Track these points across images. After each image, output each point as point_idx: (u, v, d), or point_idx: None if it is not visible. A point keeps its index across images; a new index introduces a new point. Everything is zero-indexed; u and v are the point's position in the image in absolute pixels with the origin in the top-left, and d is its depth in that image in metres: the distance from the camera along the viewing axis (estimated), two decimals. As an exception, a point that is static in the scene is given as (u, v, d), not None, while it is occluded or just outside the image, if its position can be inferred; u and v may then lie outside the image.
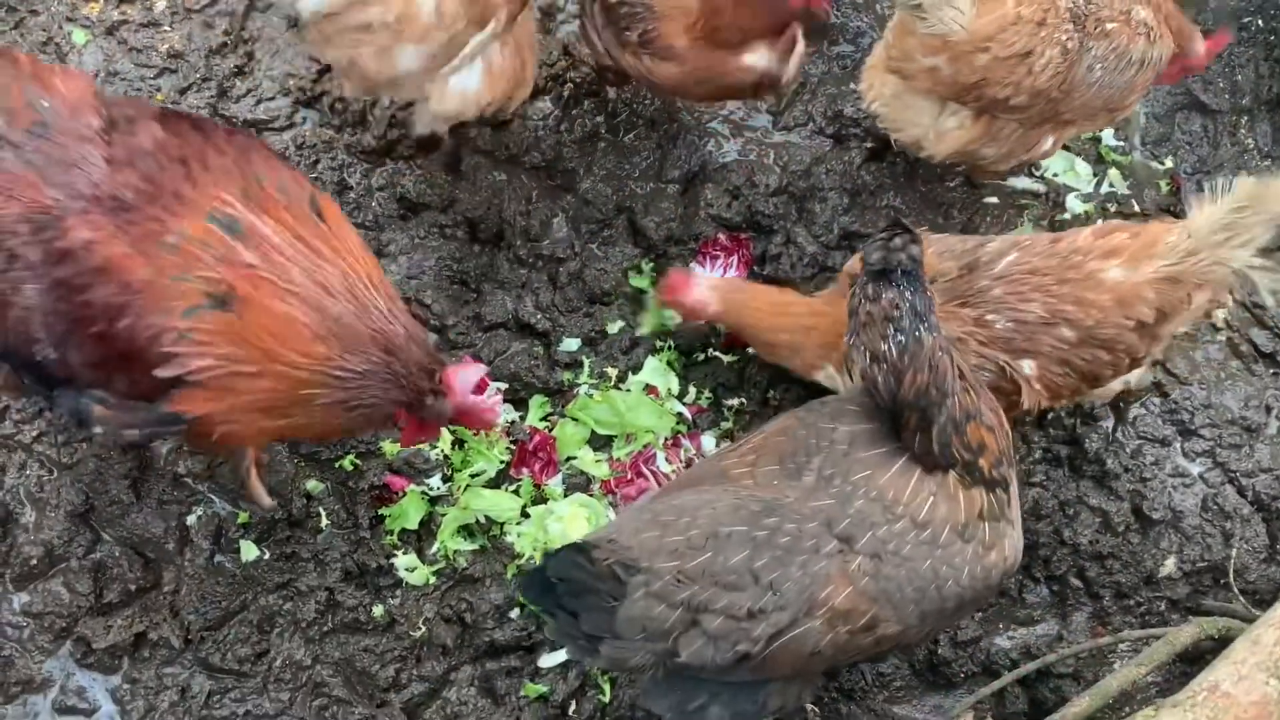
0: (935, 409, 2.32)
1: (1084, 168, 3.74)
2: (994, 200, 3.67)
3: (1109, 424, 3.40)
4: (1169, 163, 3.77)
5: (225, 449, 2.59)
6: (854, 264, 2.88)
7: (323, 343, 2.37)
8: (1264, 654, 2.52)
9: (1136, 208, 3.69)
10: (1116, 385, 3.02)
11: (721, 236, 3.50)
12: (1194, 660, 3.09)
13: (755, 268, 3.52)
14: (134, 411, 2.42)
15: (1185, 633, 2.84)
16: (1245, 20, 3.97)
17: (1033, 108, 3.05)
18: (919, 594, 2.33)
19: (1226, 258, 2.70)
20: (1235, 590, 3.10)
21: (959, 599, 2.37)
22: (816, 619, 2.28)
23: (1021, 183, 3.70)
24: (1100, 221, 3.64)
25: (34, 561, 3.04)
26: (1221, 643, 2.93)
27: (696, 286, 3.08)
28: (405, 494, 3.15)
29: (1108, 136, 3.79)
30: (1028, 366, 2.75)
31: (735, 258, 3.46)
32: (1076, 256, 2.76)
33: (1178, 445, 3.38)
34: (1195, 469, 3.36)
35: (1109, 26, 2.99)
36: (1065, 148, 3.74)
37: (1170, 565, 3.21)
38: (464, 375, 2.52)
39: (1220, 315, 3.55)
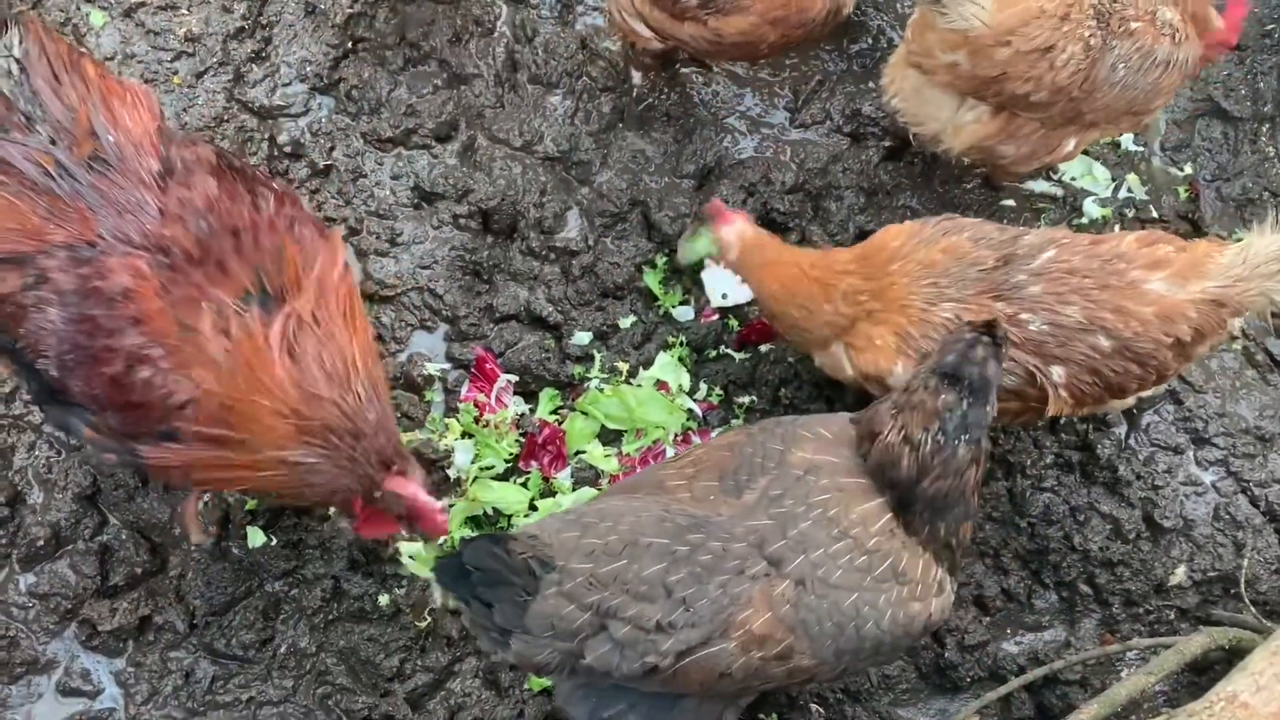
0: (944, 512, 2.32)
1: (1102, 172, 3.72)
2: (1011, 203, 3.65)
3: (1122, 430, 3.37)
4: (1188, 169, 3.74)
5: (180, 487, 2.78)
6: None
7: (286, 427, 2.39)
8: (1283, 665, 2.50)
9: (1154, 213, 3.67)
10: (1131, 400, 2.99)
11: None
12: (1202, 670, 3.08)
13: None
14: (116, 442, 2.46)
15: (1195, 642, 2.81)
16: (1269, 28, 3.93)
17: (1054, 106, 3.03)
18: (837, 629, 2.29)
19: (1275, 290, 2.64)
20: (1246, 600, 3.08)
21: (876, 642, 2.33)
22: (731, 640, 2.26)
23: (1039, 186, 3.68)
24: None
25: (41, 543, 3.03)
26: (1231, 653, 2.92)
27: (728, 225, 2.94)
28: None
29: (1127, 141, 3.76)
30: (1057, 374, 2.69)
31: None
32: (1120, 263, 2.70)
33: (1191, 454, 3.36)
34: (1208, 478, 3.33)
35: (1134, 26, 2.96)
36: (1084, 152, 3.72)
37: (1181, 574, 3.19)
38: (411, 480, 2.52)
39: (1236, 324, 3.51)
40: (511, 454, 3.20)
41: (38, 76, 2.40)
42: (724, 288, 3.42)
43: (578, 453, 3.22)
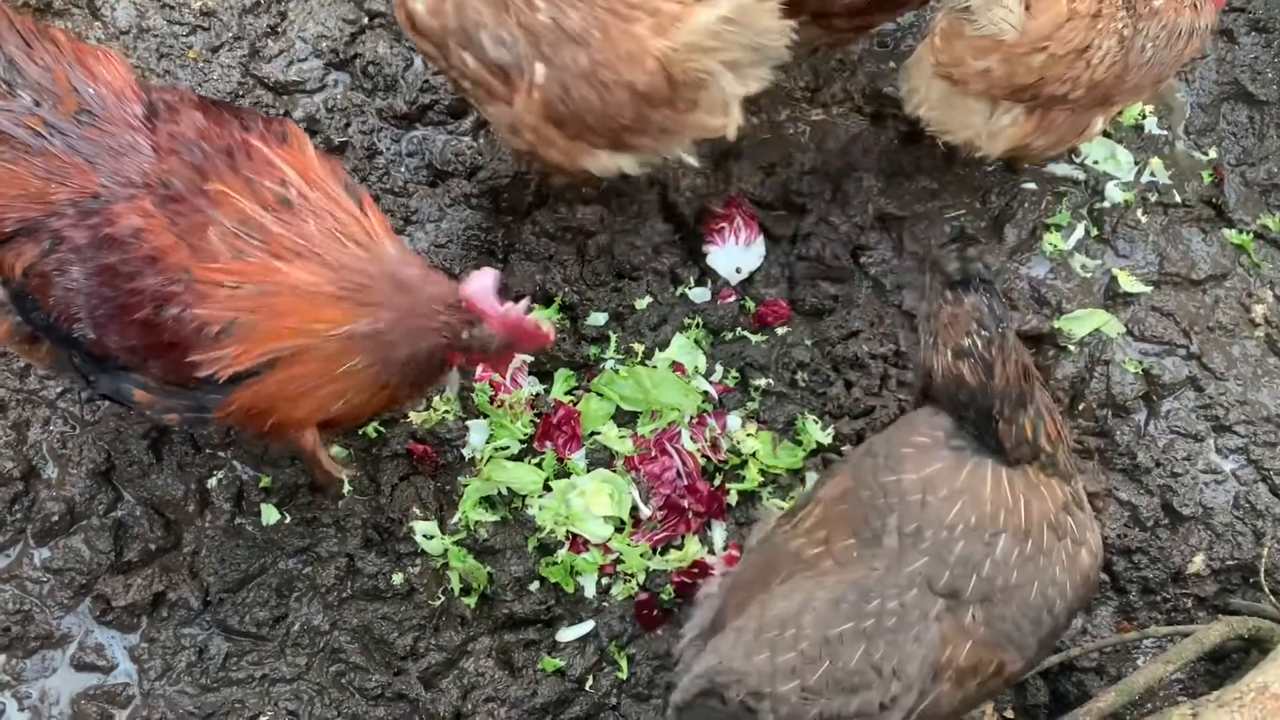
0: (1027, 395, 2.34)
1: (1125, 156, 3.67)
2: (1032, 186, 3.60)
3: (1141, 417, 3.35)
4: (1212, 153, 3.69)
5: (280, 437, 2.56)
6: None
7: (335, 306, 2.31)
8: (1316, 656, 2.48)
9: (1177, 198, 3.62)
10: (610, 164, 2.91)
11: (716, 208, 3.44)
12: (1219, 659, 3.06)
13: (787, 246, 3.47)
14: (174, 398, 2.43)
15: (1214, 631, 2.79)
16: (1295, 15, 3.87)
17: (1088, 98, 2.99)
18: (1035, 625, 2.30)
19: (700, 64, 2.65)
20: (1265, 590, 3.05)
21: (1069, 612, 2.37)
22: (944, 683, 2.25)
23: (1062, 169, 3.63)
24: (1141, 213, 3.58)
25: (55, 518, 3.03)
26: (1250, 642, 2.89)
27: None
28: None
29: (1151, 125, 3.71)
30: (540, 72, 2.65)
31: (740, 219, 3.41)
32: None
33: (1211, 441, 3.33)
34: (1228, 465, 3.30)
35: (1157, 3, 2.92)
36: (1107, 135, 3.68)
37: (1199, 562, 3.17)
38: (476, 289, 2.33)
39: (1260, 311, 3.48)
40: (526, 434, 3.18)
41: (9, 45, 2.39)
42: (736, 262, 3.40)
43: (592, 434, 3.20)
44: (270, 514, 3.08)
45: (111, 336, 2.37)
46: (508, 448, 3.16)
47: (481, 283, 2.32)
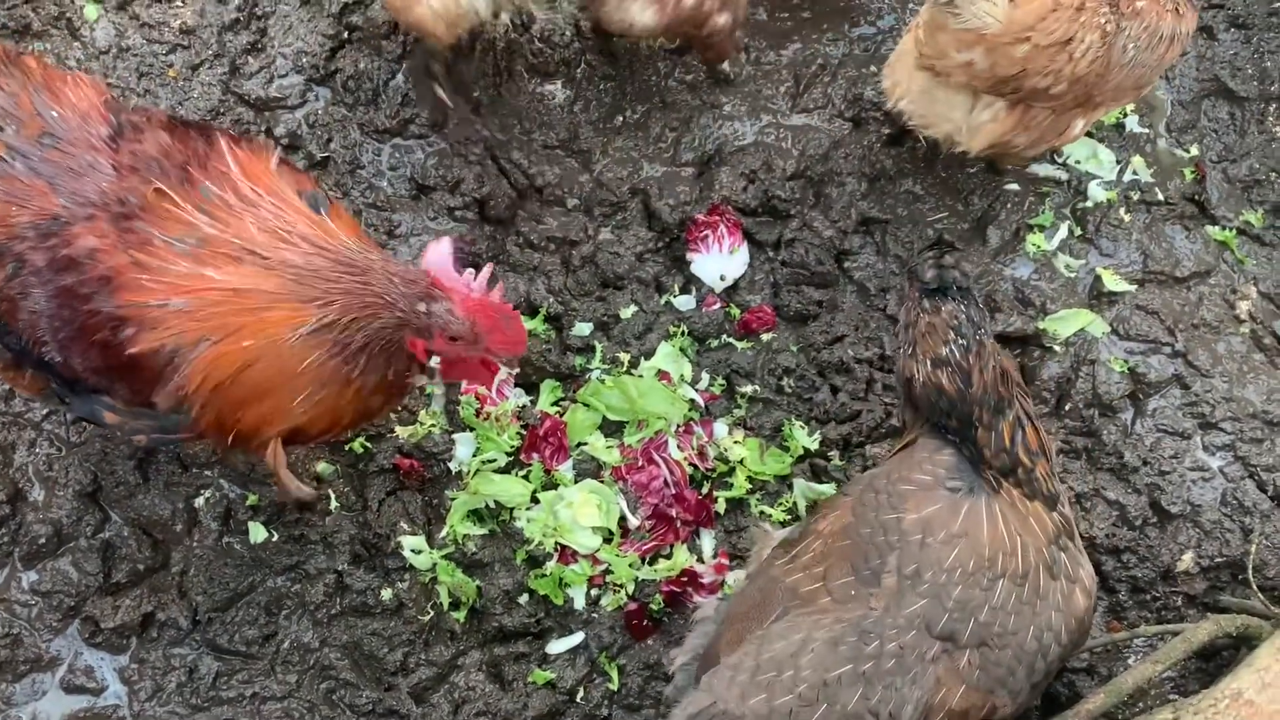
0: (1005, 403, 2.34)
1: (1107, 155, 3.67)
2: (1015, 187, 3.61)
3: (1128, 416, 3.35)
4: (1194, 150, 3.70)
5: (245, 446, 2.48)
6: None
7: (286, 302, 2.23)
8: (1290, 662, 2.47)
9: (1160, 196, 3.63)
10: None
11: (699, 216, 3.44)
12: (1209, 657, 3.06)
13: (771, 252, 3.47)
14: (141, 418, 2.42)
15: (1203, 630, 2.79)
16: (1276, 6, 3.88)
17: (1070, 94, 2.99)
18: (1029, 670, 2.30)
19: None
20: (1254, 586, 3.05)
21: (1062, 656, 2.37)
22: None
23: (1044, 169, 3.64)
24: (1124, 212, 3.59)
25: (42, 540, 3.03)
26: (1239, 640, 2.89)
27: None
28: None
29: (1132, 124, 3.72)
30: None
31: (723, 227, 3.42)
32: None
33: (1198, 439, 3.33)
34: (1215, 463, 3.30)
35: (1139, 5, 2.93)
36: (1089, 134, 3.68)
37: (1188, 560, 3.17)
38: (434, 254, 2.23)
39: (1244, 307, 3.49)
40: (513, 446, 3.18)
41: None
42: (720, 269, 3.40)
43: (579, 444, 3.20)
44: (258, 532, 3.08)
45: (75, 358, 2.37)
46: (494, 460, 3.16)
47: (439, 251, 2.19)
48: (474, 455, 3.16)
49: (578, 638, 3.02)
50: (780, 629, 2.31)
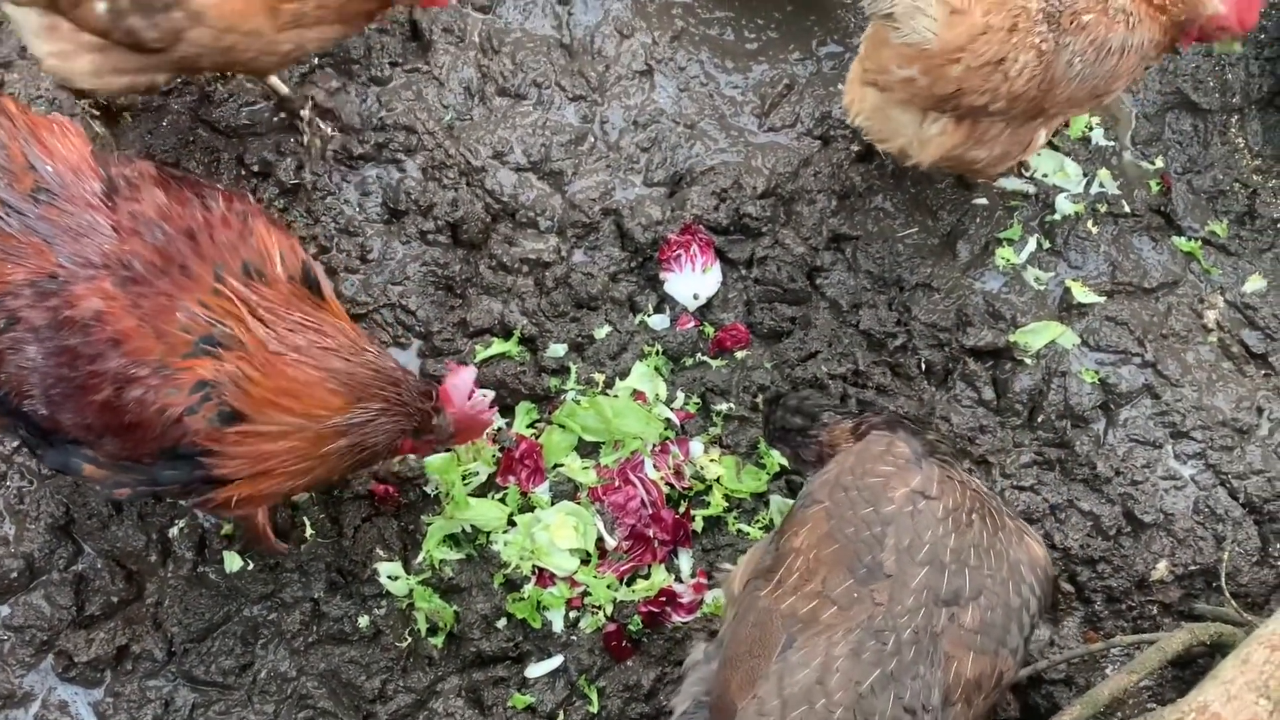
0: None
1: (1074, 168, 3.71)
2: (983, 201, 3.64)
3: (1100, 426, 3.37)
4: (1159, 163, 3.74)
5: (239, 510, 2.63)
6: None
7: (337, 396, 2.44)
8: (1254, 673, 2.49)
9: (1127, 208, 3.67)
10: None
11: (671, 236, 3.46)
12: (1186, 665, 3.08)
13: (743, 270, 3.49)
14: (126, 473, 2.43)
15: (1176, 639, 2.81)
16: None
17: (1014, 110, 3.03)
18: (1019, 625, 2.34)
19: None
20: (1227, 594, 3.08)
21: (1039, 610, 2.41)
22: (955, 704, 2.25)
23: (1012, 184, 3.67)
24: (1091, 224, 3.63)
25: (14, 574, 3.00)
26: (1214, 648, 2.91)
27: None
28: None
29: (1098, 136, 3.76)
30: None
31: (695, 246, 3.43)
32: None
33: (1169, 448, 3.36)
34: (1187, 471, 3.33)
35: (1085, 19, 2.95)
36: (1054, 147, 3.72)
37: (1162, 569, 3.19)
38: (457, 383, 2.64)
39: (1211, 317, 3.53)
40: (490, 468, 3.17)
41: None
42: (693, 288, 3.41)
43: (555, 466, 3.20)
44: (233, 561, 3.06)
45: (66, 414, 2.36)
46: (469, 482, 3.15)
47: (464, 378, 2.65)
48: (445, 476, 3.14)
49: (557, 661, 3.02)
50: (798, 658, 2.25)
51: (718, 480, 3.19)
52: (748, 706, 2.23)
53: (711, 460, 3.22)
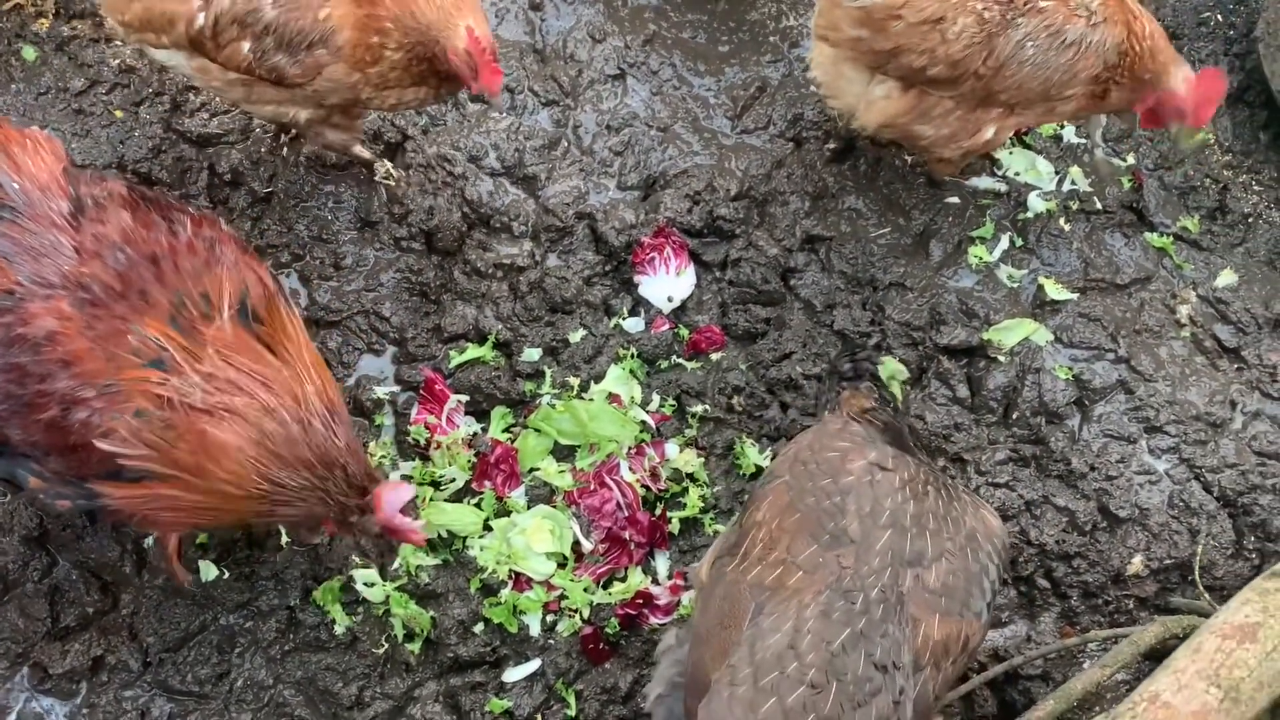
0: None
1: (1045, 166, 3.74)
2: (955, 200, 3.66)
3: (1074, 422, 3.39)
4: (1130, 159, 3.77)
5: (148, 529, 2.69)
6: None
7: (259, 465, 2.38)
8: (1204, 661, 2.49)
9: (1099, 205, 3.69)
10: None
11: (645, 239, 3.47)
12: (1162, 658, 3.06)
13: (717, 272, 3.50)
14: (67, 486, 2.43)
15: (1149, 632, 2.82)
16: (1204, 15, 3.97)
17: (961, 82, 3.07)
18: (980, 590, 2.35)
19: None
20: (1201, 587, 3.09)
21: (999, 577, 2.43)
22: (925, 667, 2.26)
23: (984, 182, 3.69)
24: (1064, 221, 3.64)
25: (-12, 587, 2.99)
26: (1187, 640, 2.92)
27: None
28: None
29: (1069, 134, 3.78)
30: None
31: (669, 249, 3.44)
32: None
33: (1143, 442, 3.37)
34: (1161, 466, 3.35)
35: (1043, 4, 3.00)
36: (1027, 146, 3.74)
37: (1137, 563, 3.20)
38: (394, 497, 2.52)
39: (1184, 312, 3.55)
40: (467, 472, 3.17)
41: None
42: (668, 291, 3.42)
43: (531, 470, 3.20)
44: (209, 570, 3.05)
45: (13, 430, 2.37)
46: (444, 488, 3.15)
47: (402, 495, 2.53)
48: (421, 483, 3.14)
49: (534, 665, 3.01)
50: (769, 624, 2.25)
51: (691, 476, 3.20)
52: (721, 677, 2.21)
53: (687, 461, 3.22)
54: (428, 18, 2.88)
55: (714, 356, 3.40)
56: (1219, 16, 4.00)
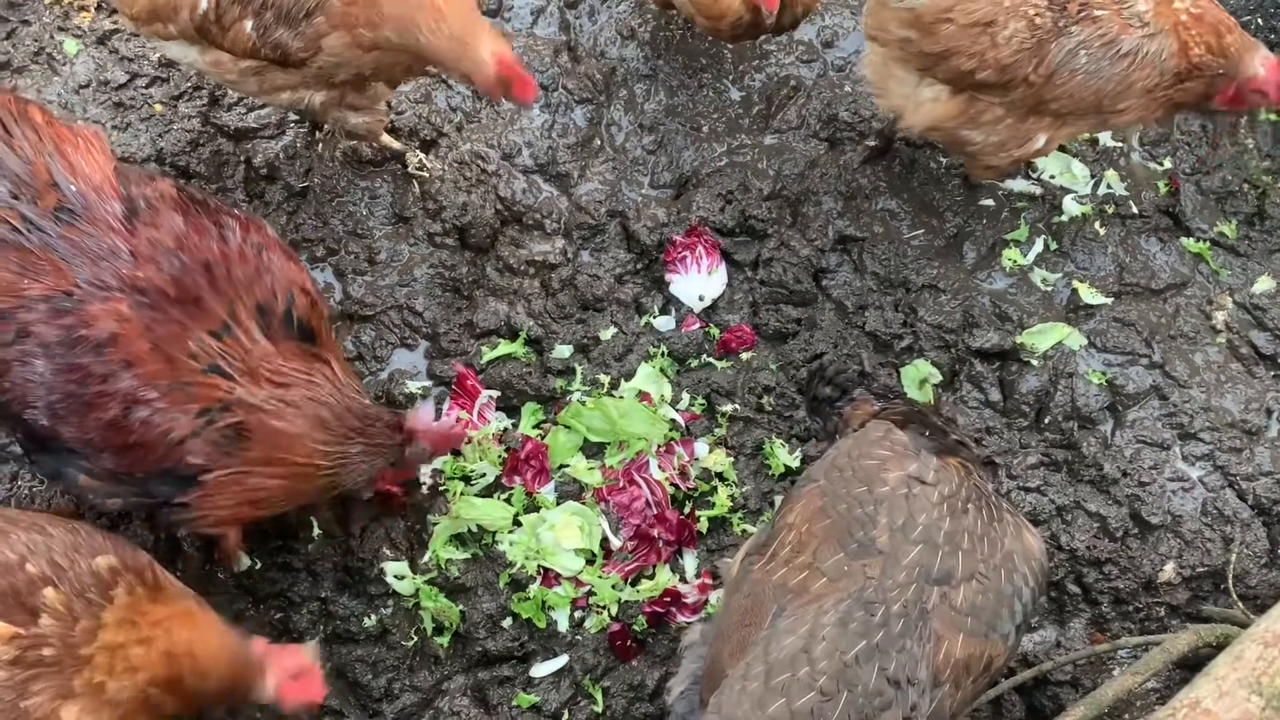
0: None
1: (1081, 169, 3.71)
2: (990, 202, 3.64)
3: (1107, 428, 3.36)
4: (1167, 164, 3.73)
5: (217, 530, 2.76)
6: None
7: (324, 447, 2.59)
8: (1246, 670, 2.47)
9: (1134, 209, 3.66)
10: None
11: (676, 237, 3.48)
12: (1195, 667, 3.04)
13: (749, 271, 3.50)
14: (120, 484, 2.49)
15: (1182, 640, 2.80)
16: (1244, 19, 3.92)
17: (1011, 89, 3.03)
18: (1010, 612, 2.33)
19: None
20: (1235, 596, 3.06)
21: (1033, 599, 2.40)
22: (944, 684, 2.25)
23: (1019, 185, 3.67)
24: (1099, 225, 3.62)
25: (26, 573, 3.03)
26: (1219, 649, 2.89)
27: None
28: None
29: (1105, 138, 3.75)
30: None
31: (701, 248, 3.45)
32: None
33: (1177, 449, 3.35)
34: (1195, 473, 3.32)
35: (1098, 13, 2.96)
36: (1062, 149, 3.71)
37: (1169, 570, 3.18)
38: (424, 416, 2.79)
39: (1220, 318, 3.51)
40: (495, 472, 3.19)
41: None
42: (699, 290, 3.43)
43: (561, 466, 3.22)
44: (242, 560, 3.08)
45: (68, 428, 2.41)
46: (474, 482, 3.16)
47: (426, 413, 2.80)
48: (451, 477, 3.16)
49: (562, 660, 3.03)
50: (786, 625, 2.26)
51: (722, 478, 3.20)
52: (734, 673, 2.23)
53: (716, 460, 3.22)
54: (441, 52, 2.94)
55: (744, 356, 3.40)
56: (1259, 20, 3.95)
